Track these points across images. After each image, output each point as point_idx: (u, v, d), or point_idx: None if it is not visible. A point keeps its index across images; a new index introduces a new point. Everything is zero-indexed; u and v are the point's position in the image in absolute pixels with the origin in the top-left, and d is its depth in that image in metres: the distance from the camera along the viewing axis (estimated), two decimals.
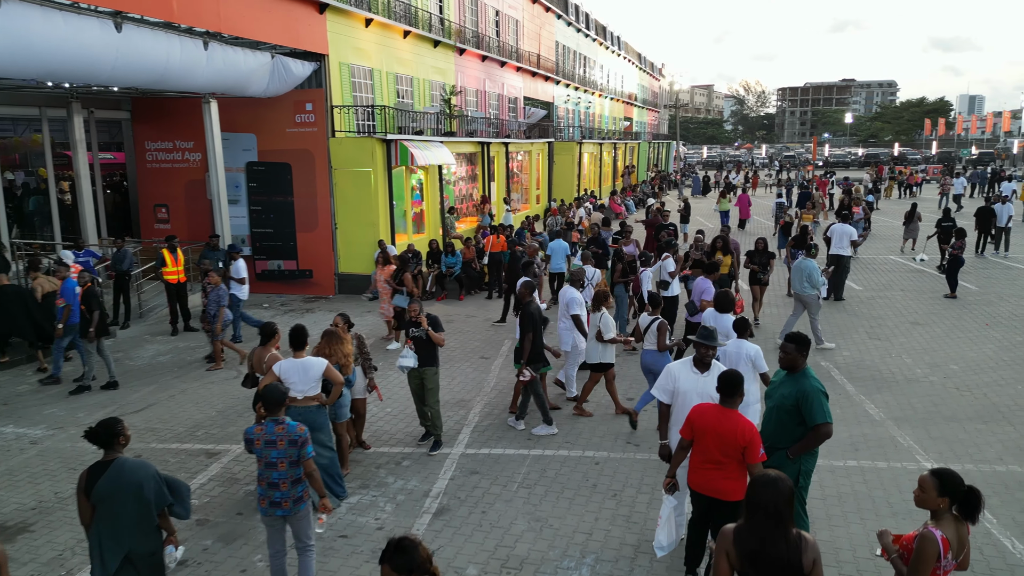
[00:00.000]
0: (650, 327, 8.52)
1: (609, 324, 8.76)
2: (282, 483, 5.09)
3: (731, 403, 4.98)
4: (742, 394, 5.00)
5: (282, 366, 6.58)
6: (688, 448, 5.15)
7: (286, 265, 17.03)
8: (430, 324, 7.84)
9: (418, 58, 20.82)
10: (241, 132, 16.71)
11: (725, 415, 4.94)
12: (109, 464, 4.45)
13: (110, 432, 4.51)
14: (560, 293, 9.53)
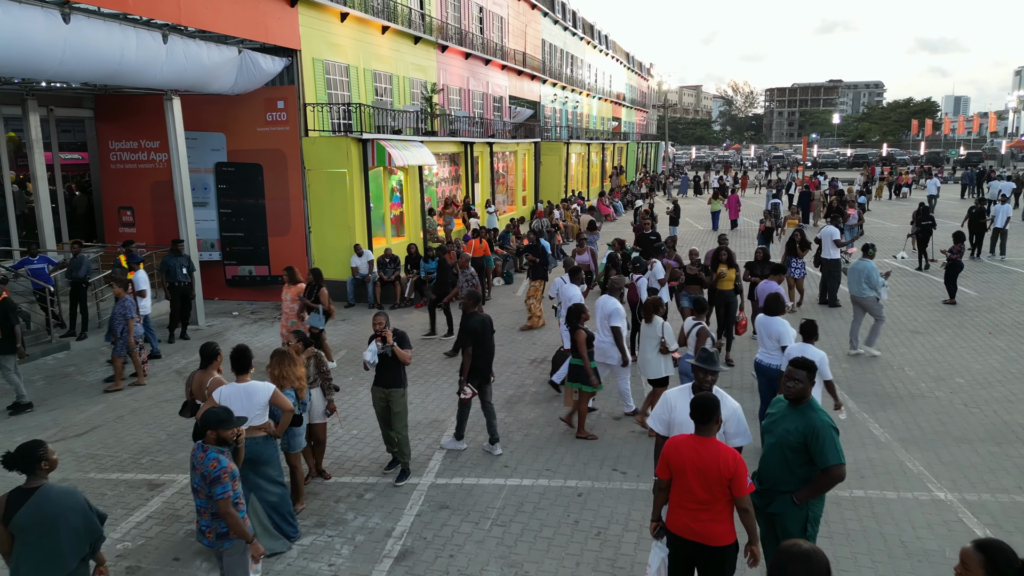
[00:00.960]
0: (691, 332, 7.95)
1: (671, 333, 8.14)
2: (203, 512, 4.71)
3: (707, 430, 4.34)
4: (719, 420, 4.38)
5: (222, 392, 5.84)
6: (667, 490, 4.48)
7: (257, 271, 16.23)
8: (396, 340, 7.12)
9: (397, 55, 20.07)
10: (209, 131, 15.90)
11: (703, 445, 4.30)
12: (32, 492, 4.14)
13: (30, 457, 4.19)
14: (598, 304, 8.81)
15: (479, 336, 7.70)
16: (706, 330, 7.89)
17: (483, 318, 7.87)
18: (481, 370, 7.79)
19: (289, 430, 6.48)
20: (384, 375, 7.17)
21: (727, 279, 11.09)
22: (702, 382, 5.08)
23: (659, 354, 8.05)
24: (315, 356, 7.17)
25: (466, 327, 7.75)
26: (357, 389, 10.04)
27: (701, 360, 5.14)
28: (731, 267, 11.18)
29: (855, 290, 11.23)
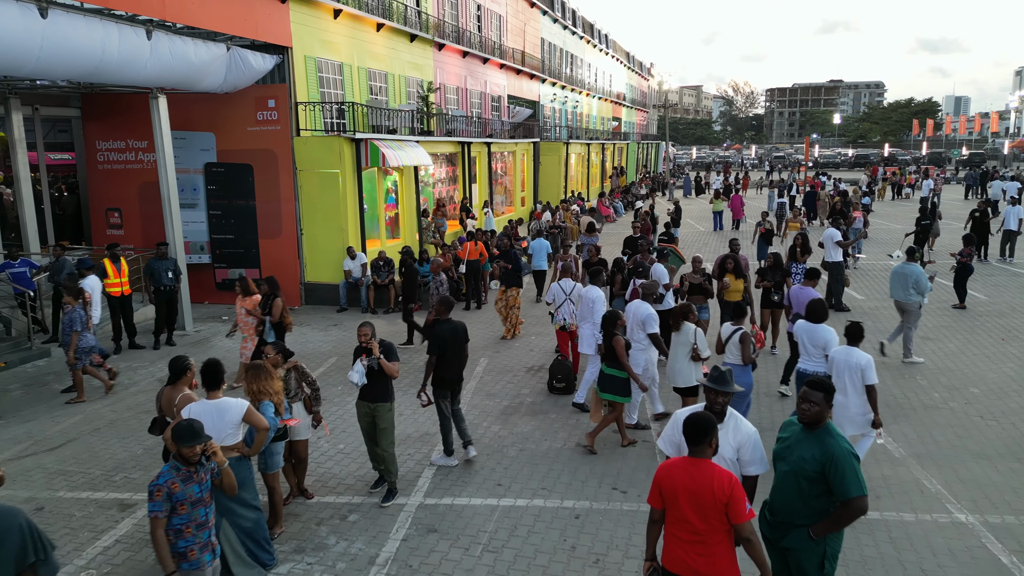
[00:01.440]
0: (732, 338, 7.57)
1: (704, 341, 7.77)
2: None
3: (701, 451, 3.97)
4: (714, 442, 4.01)
5: (191, 410, 5.43)
6: (660, 521, 4.09)
7: (248, 274, 15.70)
8: (383, 351, 6.70)
9: (393, 53, 19.66)
10: (198, 131, 15.49)
11: (696, 467, 3.94)
12: None
13: None
14: (631, 309, 8.41)
15: (447, 344, 7.31)
16: (748, 335, 7.53)
17: (455, 326, 7.49)
18: (450, 380, 7.43)
19: (267, 448, 6.08)
20: (370, 389, 6.75)
21: (734, 290, 10.44)
22: (713, 403, 4.67)
23: (690, 362, 7.69)
24: (296, 368, 6.76)
25: (434, 335, 7.37)
26: (345, 399, 9.63)
27: (713, 380, 4.74)
28: (739, 277, 10.52)
29: (900, 295, 10.71)
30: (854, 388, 6.60)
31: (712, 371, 4.82)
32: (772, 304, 11.04)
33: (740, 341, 7.49)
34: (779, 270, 10.98)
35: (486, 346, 12.18)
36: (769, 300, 11.03)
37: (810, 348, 7.50)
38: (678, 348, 7.78)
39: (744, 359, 7.46)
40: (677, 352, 7.79)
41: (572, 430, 8.49)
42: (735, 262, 10.59)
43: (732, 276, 10.55)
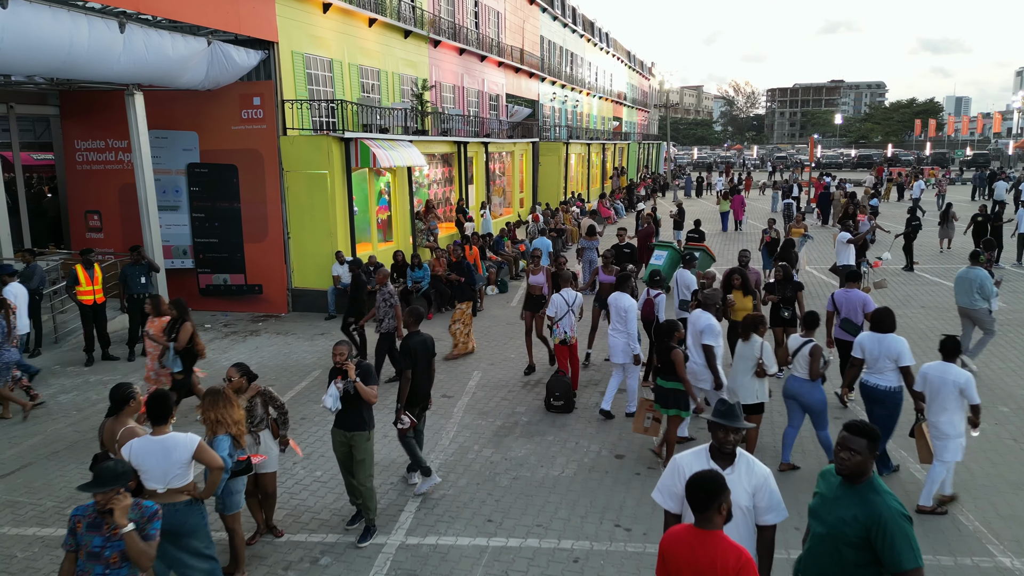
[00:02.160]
0: (801, 350, 7.01)
1: (772, 355, 7.13)
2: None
3: (708, 520, 3.30)
4: (724, 508, 3.32)
5: (133, 448, 4.75)
6: None
7: (232, 279, 15.13)
8: (360, 374, 6.02)
9: (386, 49, 18.97)
10: (180, 130, 14.81)
11: (701, 542, 3.29)
12: None
13: None
14: (691, 319, 7.85)
15: (419, 358, 6.83)
16: (819, 348, 6.97)
17: (424, 339, 7.02)
18: (420, 397, 6.96)
19: (226, 486, 5.39)
20: (345, 416, 6.07)
21: (740, 308, 9.36)
22: (722, 442, 3.98)
23: (754, 377, 7.06)
24: (262, 392, 6.08)
25: (405, 348, 6.84)
26: (327, 419, 8.88)
27: (720, 414, 4.02)
28: (747, 294, 9.50)
29: (964, 301, 10.11)
30: (957, 407, 6.19)
31: (718, 404, 4.09)
32: (782, 321, 9.88)
33: (810, 354, 6.95)
34: (789, 283, 9.96)
35: (479, 358, 11.50)
36: (779, 317, 9.88)
37: (881, 361, 6.86)
38: (742, 361, 7.17)
39: (812, 374, 6.96)
40: (741, 366, 7.19)
41: (571, 454, 7.81)
42: (743, 278, 9.57)
43: (739, 293, 9.52)
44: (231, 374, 5.95)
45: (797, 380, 7.14)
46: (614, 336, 8.71)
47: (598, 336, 10.92)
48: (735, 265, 10.37)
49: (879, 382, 6.87)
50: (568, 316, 9.22)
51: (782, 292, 9.89)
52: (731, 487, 3.85)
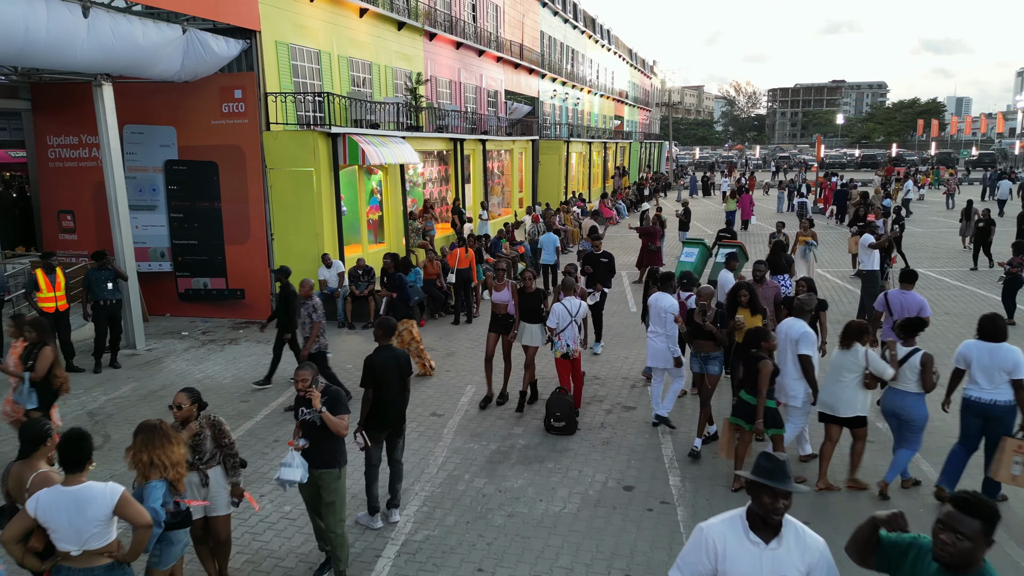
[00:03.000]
0: (909, 360, 6.38)
1: (881, 363, 6.42)
2: None
3: None
4: None
5: (40, 501, 3.87)
6: None
7: (213, 283, 14.25)
8: (327, 402, 5.15)
9: (378, 41, 18.08)
10: (158, 124, 13.94)
11: None
12: None
13: None
14: (783, 327, 7.15)
15: (385, 376, 5.98)
16: (931, 357, 6.29)
17: (395, 355, 6.17)
18: (389, 419, 6.10)
19: (164, 536, 4.50)
20: (312, 450, 5.20)
21: (743, 329, 7.70)
22: (768, 511, 3.03)
23: (859, 388, 6.48)
24: (212, 422, 5.20)
25: (368, 364, 6.02)
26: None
27: (765, 472, 3.04)
28: (755, 312, 7.96)
29: None
30: None
31: (762, 460, 3.11)
32: None
33: (922, 364, 6.25)
34: (822, 300, 8.43)
35: (474, 371, 10.60)
36: None
37: (993, 373, 6.14)
38: (840, 372, 6.53)
39: (927, 385, 6.26)
40: (839, 376, 6.53)
41: (573, 485, 6.92)
42: (751, 294, 7.98)
43: (746, 312, 7.97)
44: (179, 400, 5.07)
45: (900, 394, 6.43)
46: (653, 340, 8.15)
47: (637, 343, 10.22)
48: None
49: (997, 397, 6.15)
50: (571, 327, 8.34)
51: (815, 320, 8.44)
52: (777, 566, 2.98)
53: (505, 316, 9.05)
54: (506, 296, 9.03)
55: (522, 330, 8.96)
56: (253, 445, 8.05)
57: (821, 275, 16.98)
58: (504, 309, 9.06)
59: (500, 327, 9.07)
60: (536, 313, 8.84)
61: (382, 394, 5.97)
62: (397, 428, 6.20)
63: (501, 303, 9.09)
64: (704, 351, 7.58)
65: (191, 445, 4.96)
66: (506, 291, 9.04)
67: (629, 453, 7.64)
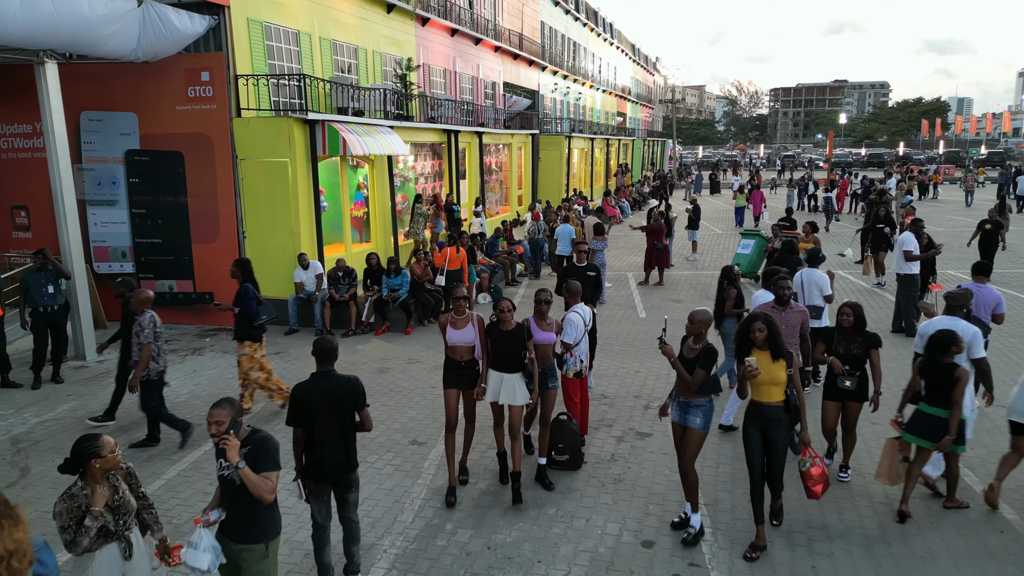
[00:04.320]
0: None
1: None
2: None
3: None
4: None
5: None
6: None
7: (179, 286, 12.94)
8: (249, 454, 3.84)
9: (365, 24, 16.76)
10: (117, 111, 12.63)
11: None
12: None
13: None
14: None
15: (316, 412, 4.65)
16: None
17: (334, 384, 4.73)
18: (327, 471, 4.76)
19: None
20: (231, 519, 3.89)
21: (768, 382, 5.26)
22: None
23: None
24: (128, 473, 3.94)
25: (294, 397, 4.70)
26: None
27: None
28: (778, 356, 5.25)
29: None
30: None
31: None
32: (842, 394, 6.27)
33: None
34: (861, 334, 6.24)
35: None
36: (837, 389, 6.28)
37: None
38: None
39: None
40: None
41: (580, 539, 5.60)
42: (769, 329, 5.26)
43: (764, 355, 5.27)
44: (105, 446, 3.79)
45: None
46: None
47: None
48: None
49: None
50: (585, 340, 7.03)
51: (847, 348, 6.28)
52: None
53: (469, 364, 6.36)
54: (469, 335, 6.30)
55: (495, 384, 6.24)
56: (196, 483, 6.73)
57: (844, 278, 15.66)
58: (467, 354, 6.32)
59: (461, 379, 6.33)
60: (515, 360, 6.18)
61: (316, 437, 4.66)
62: (343, 480, 4.84)
63: (462, 345, 6.30)
64: (685, 395, 5.50)
65: (113, 507, 3.73)
66: (469, 328, 6.30)
67: (646, 495, 6.31)
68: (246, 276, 8.36)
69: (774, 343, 5.24)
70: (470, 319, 6.31)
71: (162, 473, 6.97)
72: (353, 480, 4.87)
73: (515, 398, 6.16)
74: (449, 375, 6.38)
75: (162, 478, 6.86)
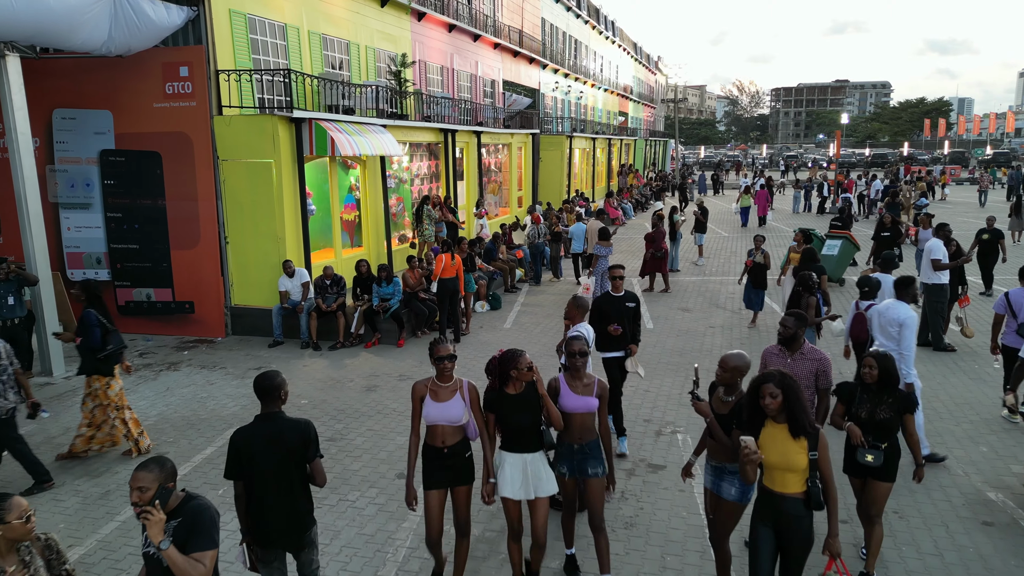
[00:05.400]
0: None
1: None
2: None
3: None
4: None
5: None
6: None
7: (157, 295, 12.18)
8: (179, 528, 3.10)
9: (358, 18, 15.99)
10: (91, 108, 11.88)
11: None
12: None
13: None
14: None
15: (257, 463, 3.90)
16: None
17: (280, 428, 3.97)
18: (272, 533, 3.99)
19: None
20: None
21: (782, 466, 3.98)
22: None
23: None
24: (46, 545, 3.21)
25: (233, 443, 3.97)
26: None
27: None
28: (798, 432, 3.92)
29: None
30: None
31: None
32: (867, 470, 4.80)
33: None
34: (890, 387, 4.74)
35: None
36: (858, 464, 4.83)
37: None
38: None
39: None
40: None
41: None
42: (786, 395, 3.92)
43: (780, 429, 4.01)
44: (13, 509, 3.05)
45: None
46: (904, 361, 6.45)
47: None
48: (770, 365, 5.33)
49: None
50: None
51: (871, 411, 4.75)
52: None
53: (456, 450, 4.58)
54: (456, 410, 4.52)
55: (514, 472, 4.59)
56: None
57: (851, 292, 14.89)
58: (453, 436, 4.57)
59: (448, 474, 4.62)
60: (537, 432, 4.57)
61: (257, 493, 3.92)
62: (295, 543, 4.08)
63: (447, 423, 4.52)
64: (718, 459, 4.52)
65: None
66: (457, 400, 4.53)
67: (663, 542, 5.55)
68: (91, 300, 7.21)
69: (793, 415, 3.89)
70: (458, 387, 4.56)
71: (94, 532, 6.21)
72: (307, 540, 4.12)
73: (538, 488, 4.58)
74: (430, 468, 4.57)
75: (93, 538, 6.10)
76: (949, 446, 7.18)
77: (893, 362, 4.74)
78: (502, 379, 4.56)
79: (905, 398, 4.77)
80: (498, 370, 4.58)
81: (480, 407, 4.64)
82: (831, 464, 3.95)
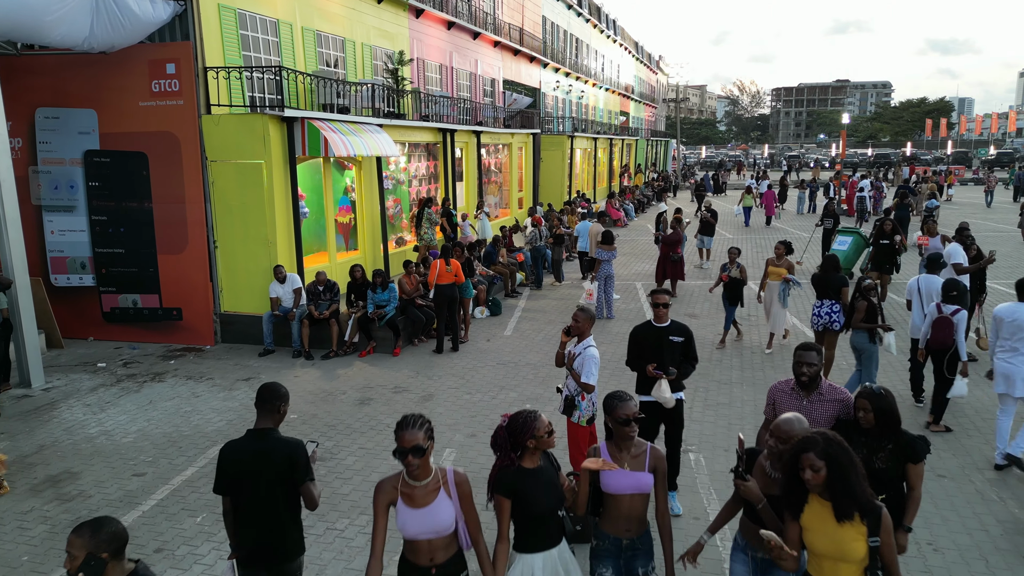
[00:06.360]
0: None
1: None
2: None
3: None
4: None
5: None
6: None
7: (144, 301, 11.72)
8: None
9: (354, 14, 15.53)
10: (75, 107, 11.42)
11: None
12: None
13: None
14: None
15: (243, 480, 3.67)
16: None
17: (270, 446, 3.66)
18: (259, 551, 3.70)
19: None
20: None
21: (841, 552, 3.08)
22: None
23: None
24: None
25: (222, 458, 3.72)
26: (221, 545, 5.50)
27: None
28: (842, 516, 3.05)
29: None
30: None
31: None
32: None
33: None
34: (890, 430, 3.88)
35: (454, 424, 8.05)
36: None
37: None
38: None
39: None
40: None
41: None
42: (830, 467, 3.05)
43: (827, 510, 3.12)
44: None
45: None
46: (1011, 362, 6.52)
47: None
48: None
49: None
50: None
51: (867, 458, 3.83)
52: None
53: (447, 569, 3.35)
54: (444, 516, 3.30)
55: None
56: None
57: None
58: (443, 551, 3.35)
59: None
60: (554, 520, 3.58)
61: (241, 510, 3.68)
62: (277, 570, 3.73)
63: (434, 536, 3.31)
64: (760, 547, 3.52)
65: None
66: (442, 502, 3.31)
67: (677, 573, 5.07)
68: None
69: (836, 495, 3.03)
70: (440, 482, 3.31)
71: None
72: (291, 570, 3.76)
73: None
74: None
75: None
76: (980, 467, 6.73)
77: (891, 402, 3.86)
78: (517, 450, 3.46)
79: (910, 444, 3.84)
80: (509, 442, 3.46)
81: (473, 504, 3.34)
82: (895, 551, 3.10)
